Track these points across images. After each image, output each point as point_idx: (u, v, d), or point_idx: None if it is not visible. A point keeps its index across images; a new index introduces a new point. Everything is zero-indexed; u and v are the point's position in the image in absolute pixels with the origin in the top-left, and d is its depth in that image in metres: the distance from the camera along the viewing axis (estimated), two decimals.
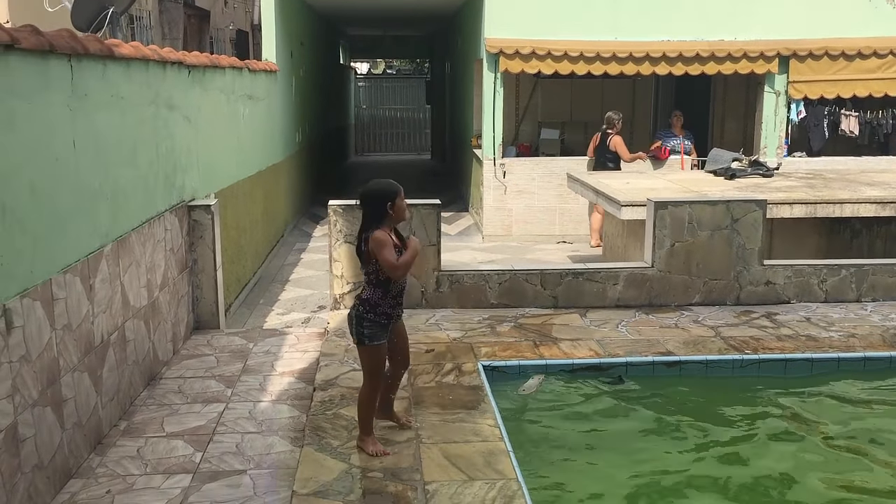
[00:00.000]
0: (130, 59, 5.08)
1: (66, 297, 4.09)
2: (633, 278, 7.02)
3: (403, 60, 33.10)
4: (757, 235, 7.01)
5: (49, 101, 3.96)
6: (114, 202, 4.79)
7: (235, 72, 8.32)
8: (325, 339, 6.19)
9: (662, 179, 9.22)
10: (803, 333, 6.29)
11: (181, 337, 6.19)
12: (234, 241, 8.08)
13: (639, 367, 5.72)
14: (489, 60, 11.17)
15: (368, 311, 4.28)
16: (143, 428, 4.74)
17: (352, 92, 25.52)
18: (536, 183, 11.57)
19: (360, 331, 4.29)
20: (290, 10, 12.70)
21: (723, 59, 11.00)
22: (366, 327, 4.28)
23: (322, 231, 12.21)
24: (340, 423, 4.67)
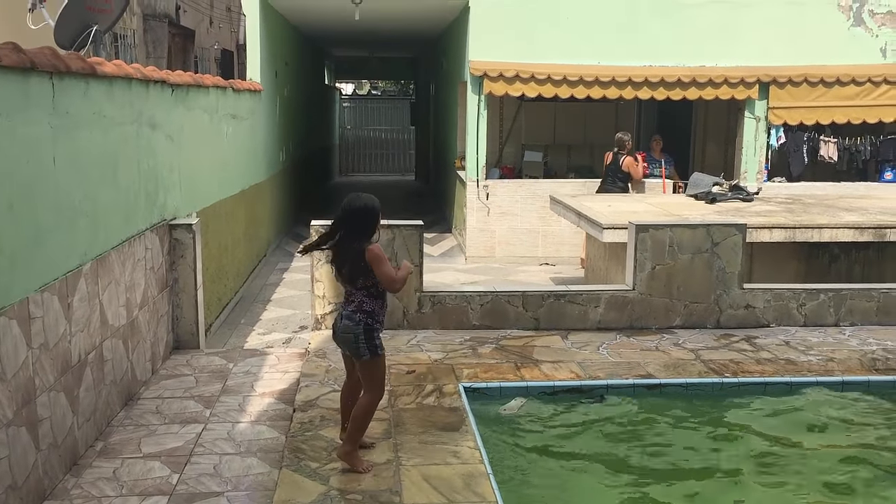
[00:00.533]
0: (113, 77, 5.08)
1: (43, 315, 4.05)
2: (615, 301, 7.05)
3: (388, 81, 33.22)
4: (737, 259, 7.06)
5: (29, 118, 3.95)
6: (94, 220, 4.77)
7: (219, 91, 8.33)
8: (305, 360, 6.16)
9: (644, 203, 9.28)
10: (782, 357, 6.33)
11: (160, 356, 6.14)
12: (216, 260, 8.05)
13: (620, 389, 5.73)
14: (473, 83, 11.24)
15: (375, 322, 4.32)
16: (120, 449, 4.69)
17: (336, 112, 25.58)
18: (519, 205, 11.62)
19: (373, 342, 4.29)
20: (276, 31, 12.74)
21: (704, 84, 11.13)
22: (376, 338, 4.31)
23: None
24: (320, 444, 4.64)
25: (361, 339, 4.28)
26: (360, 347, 4.30)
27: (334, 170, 24.72)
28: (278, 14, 12.87)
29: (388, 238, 6.75)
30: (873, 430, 5.39)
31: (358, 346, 4.30)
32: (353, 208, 4.32)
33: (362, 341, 4.28)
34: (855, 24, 11.47)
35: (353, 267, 4.28)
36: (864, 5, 11.45)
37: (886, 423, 5.48)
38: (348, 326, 4.31)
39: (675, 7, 11.28)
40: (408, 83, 30.90)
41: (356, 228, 4.30)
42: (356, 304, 4.33)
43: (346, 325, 4.32)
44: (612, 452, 5.06)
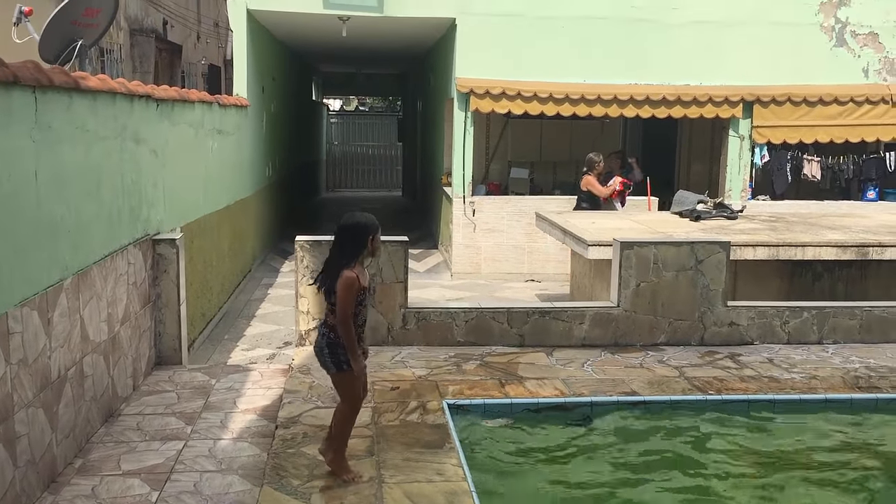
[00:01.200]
0: (97, 91, 5.06)
1: (22, 330, 4.01)
2: (599, 318, 7.05)
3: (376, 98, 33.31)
4: (721, 277, 7.09)
5: (10, 132, 3.92)
6: (75, 235, 4.74)
7: (205, 106, 8.32)
8: (289, 376, 6.13)
9: (628, 220, 9.32)
10: (766, 374, 6.34)
11: (142, 372, 6.10)
12: (200, 275, 8.01)
13: (604, 406, 5.72)
14: (460, 100, 11.28)
15: (338, 337, 4.28)
16: (99, 466, 4.64)
17: (324, 128, 25.60)
18: (506, 221, 11.63)
19: (337, 357, 4.28)
20: (263, 46, 12.76)
21: (688, 103, 11.21)
22: (340, 353, 4.28)
23: (290, 266, 12.15)
24: (302, 461, 4.61)
25: (326, 352, 4.32)
26: (325, 361, 4.34)
27: (321, 185, 24.71)
28: (265, 30, 12.89)
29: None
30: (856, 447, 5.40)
31: (323, 359, 4.34)
32: (343, 226, 4.31)
33: (326, 355, 4.32)
34: (837, 44, 11.59)
35: (330, 285, 4.28)
36: (847, 26, 11.58)
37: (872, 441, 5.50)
38: (317, 340, 4.39)
39: (660, 26, 11.37)
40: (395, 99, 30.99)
41: (343, 246, 4.28)
42: (324, 318, 4.41)
43: (316, 338, 4.41)
44: (597, 471, 5.05)
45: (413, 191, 21.04)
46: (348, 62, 19.69)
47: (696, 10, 11.39)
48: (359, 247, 4.27)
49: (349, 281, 4.19)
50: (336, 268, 4.26)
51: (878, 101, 11.40)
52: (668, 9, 11.36)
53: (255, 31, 11.94)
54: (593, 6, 11.31)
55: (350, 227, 4.30)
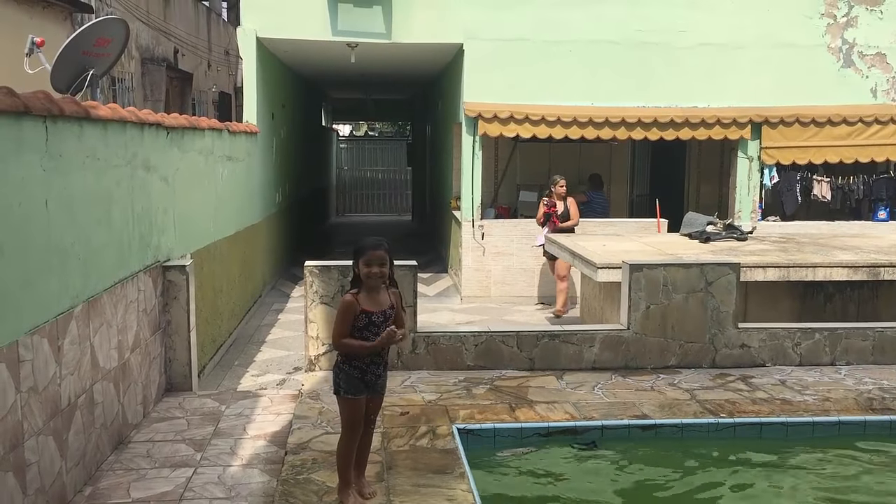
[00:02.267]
0: (108, 120, 5.11)
1: (32, 358, 4.03)
2: (609, 340, 7.02)
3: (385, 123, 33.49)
4: (731, 298, 7.06)
5: (22, 161, 3.97)
6: (86, 263, 4.76)
7: (215, 133, 8.38)
8: (298, 402, 6.12)
9: (638, 242, 9.31)
10: (778, 397, 6.29)
11: (152, 399, 6.10)
12: (210, 301, 8.03)
13: (615, 430, 5.68)
14: (468, 124, 11.33)
15: (344, 364, 4.33)
16: (109, 493, 4.63)
17: (333, 153, 25.74)
18: (515, 245, 11.63)
19: (336, 381, 4.35)
20: (273, 73, 12.87)
21: (697, 125, 11.23)
22: (341, 379, 4.31)
23: (300, 292, 12.16)
24: (311, 487, 4.59)
25: (333, 374, 4.41)
26: (334, 384, 4.40)
27: (331, 210, 24.80)
28: (275, 57, 13.01)
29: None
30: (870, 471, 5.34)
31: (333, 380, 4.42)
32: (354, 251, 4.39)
33: (333, 377, 4.40)
34: (845, 65, 11.60)
35: None
36: (854, 47, 11.60)
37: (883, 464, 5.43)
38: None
39: (667, 49, 11.42)
40: (404, 124, 31.15)
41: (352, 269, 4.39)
42: None
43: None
44: (607, 496, 5.00)
45: (422, 215, 21.08)
46: (357, 88, 19.83)
47: (702, 33, 11.44)
48: (353, 271, 4.34)
49: (343, 304, 4.31)
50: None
51: (888, 121, 11.39)
52: (675, 31, 11.41)
53: (265, 58, 12.05)
54: (600, 30, 11.38)
55: (354, 251, 4.36)
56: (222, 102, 17.58)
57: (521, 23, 11.32)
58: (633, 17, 11.39)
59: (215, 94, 17.10)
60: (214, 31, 17.59)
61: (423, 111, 20.14)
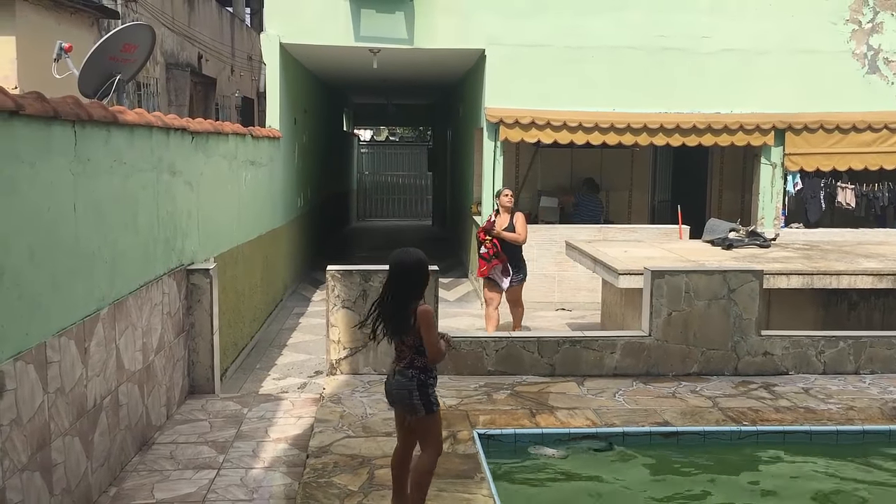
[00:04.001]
0: (134, 125, 5.18)
1: (60, 360, 4.08)
2: (631, 347, 7.00)
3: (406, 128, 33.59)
4: (754, 306, 7.01)
5: (51, 166, 4.03)
6: (112, 266, 4.82)
7: (238, 138, 8.46)
8: (320, 405, 6.15)
9: (659, 248, 9.27)
10: (802, 405, 6.24)
11: (175, 401, 6.15)
12: (233, 305, 8.09)
13: (636, 437, 5.67)
14: (489, 129, 11.35)
15: (428, 378, 4.17)
16: (133, 494, 4.68)
17: (355, 158, 25.85)
18: (535, 250, 11.61)
19: (427, 398, 4.15)
20: (295, 79, 12.96)
21: (719, 131, 11.18)
22: (431, 394, 4.16)
23: (321, 296, 12.22)
24: (332, 491, 4.61)
25: (416, 394, 4.13)
26: (416, 404, 4.14)
27: (352, 215, 24.90)
28: (298, 63, 13.10)
29: None
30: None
31: (413, 402, 4.14)
32: (406, 262, 4.22)
33: (416, 397, 4.13)
34: (870, 71, 11.52)
35: (399, 324, 4.16)
36: (879, 53, 11.51)
37: None
38: (402, 383, 4.17)
39: (690, 55, 11.38)
40: (425, 129, 31.24)
41: (407, 284, 4.18)
42: (408, 361, 4.19)
43: (399, 381, 4.18)
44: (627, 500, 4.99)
45: (443, 220, 21.11)
46: (379, 93, 19.92)
47: (725, 39, 11.40)
48: (420, 284, 4.19)
49: (429, 312, 4.13)
50: (399, 307, 4.15)
51: None
52: (698, 37, 11.38)
53: (288, 63, 12.14)
54: (622, 36, 11.37)
55: (413, 264, 4.21)
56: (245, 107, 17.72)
57: (542, 29, 11.33)
58: (655, 23, 11.37)
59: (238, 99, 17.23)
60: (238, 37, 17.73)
61: (445, 116, 20.18)
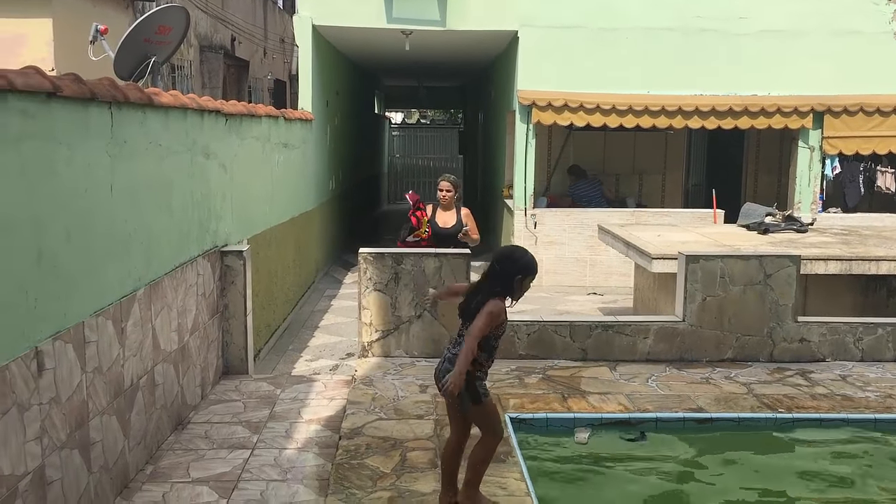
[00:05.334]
0: (169, 107, 5.20)
1: (97, 340, 4.13)
2: (664, 332, 6.94)
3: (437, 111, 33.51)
4: (791, 291, 6.91)
5: (88, 147, 4.06)
6: (148, 247, 4.86)
7: (271, 120, 8.48)
8: (352, 387, 6.18)
9: (693, 233, 9.17)
10: (839, 393, 6.15)
11: (210, 381, 6.22)
12: (266, 286, 8.14)
13: (669, 422, 5.62)
14: (521, 112, 11.27)
15: (477, 371, 4.08)
16: (170, 473, 4.74)
17: (386, 141, 25.85)
18: (567, 234, 11.57)
19: (476, 392, 4.07)
20: (327, 61, 12.96)
21: (756, 113, 11.01)
22: (479, 387, 4.09)
23: (353, 278, 12.27)
24: (365, 472, 4.63)
25: (464, 389, 3.99)
26: (463, 399, 4.04)
27: (383, 198, 24.93)
28: (330, 45, 13.09)
29: (436, 266, 6.77)
30: None
31: (461, 396, 4.02)
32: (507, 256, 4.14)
33: (464, 392, 4.00)
34: None
35: (468, 309, 4.09)
36: None
37: None
38: (449, 371, 4.02)
39: (727, 36, 11.20)
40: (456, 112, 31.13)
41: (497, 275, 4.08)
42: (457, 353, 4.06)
43: (448, 369, 4.05)
44: (659, 488, 4.95)
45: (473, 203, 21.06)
46: (410, 76, 19.87)
47: (763, 20, 11.20)
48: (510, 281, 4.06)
49: (498, 308, 3.99)
50: (482, 295, 4.06)
51: None
52: (735, 18, 11.19)
53: (320, 46, 12.14)
54: (657, 17, 11.21)
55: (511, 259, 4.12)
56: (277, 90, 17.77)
57: (576, 10, 11.21)
58: (691, 4, 11.20)
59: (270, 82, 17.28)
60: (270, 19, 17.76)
61: (476, 99, 20.08)
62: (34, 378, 3.49)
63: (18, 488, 3.37)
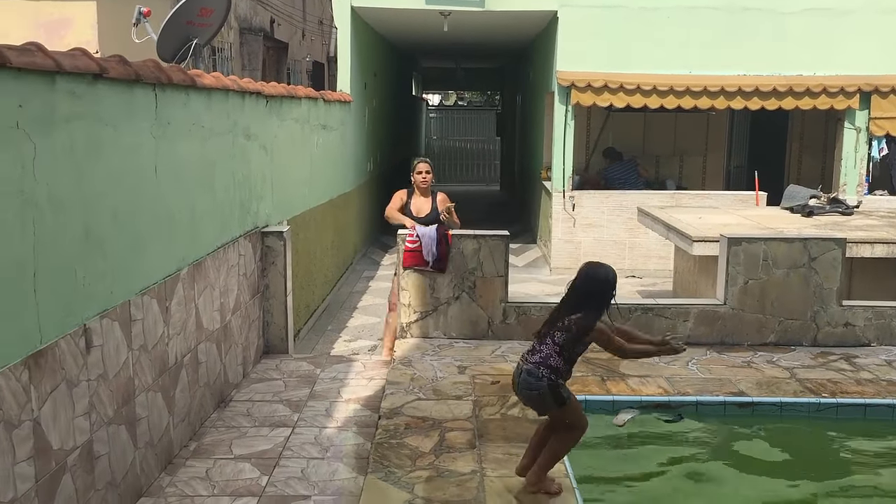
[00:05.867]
0: (212, 89, 5.24)
1: (143, 318, 4.20)
2: (705, 315, 6.87)
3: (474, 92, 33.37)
4: (835, 275, 6.79)
5: (134, 128, 4.11)
6: (191, 227, 4.93)
7: (311, 102, 8.51)
8: (391, 368, 6.22)
9: (735, 215, 9.05)
10: (884, 378, 6.05)
11: (251, 360, 6.30)
12: (305, 267, 8.21)
13: (710, 406, 5.57)
14: (560, 93, 11.18)
15: (559, 378, 4.08)
16: (213, 449, 4.82)
17: (423, 123, 25.83)
18: (606, 216, 11.48)
19: (560, 396, 4.06)
20: (366, 43, 12.96)
21: (801, 94, 10.79)
22: (562, 390, 4.09)
23: (390, 259, 12.32)
24: (404, 451, 4.67)
25: (548, 397, 4.03)
26: (547, 404, 4.07)
27: None
28: (369, 26, 13.08)
29: (474, 248, 6.76)
30: None
31: (543, 402, 4.07)
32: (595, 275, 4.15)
33: (548, 398, 4.04)
34: None
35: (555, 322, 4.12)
36: None
37: None
38: (530, 382, 4.05)
39: (771, 15, 10.98)
40: (494, 94, 30.98)
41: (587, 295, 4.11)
42: (542, 357, 4.08)
43: (528, 380, 4.06)
44: (700, 470, 4.92)
45: (511, 185, 20.99)
46: (448, 57, 19.80)
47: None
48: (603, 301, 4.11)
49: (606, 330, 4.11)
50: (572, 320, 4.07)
51: None
52: None
53: (359, 27, 12.14)
54: None
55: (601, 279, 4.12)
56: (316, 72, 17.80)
57: None
58: None
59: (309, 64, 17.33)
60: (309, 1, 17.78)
61: (514, 80, 19.96)
62: (83, 355, 3.57)
63: (67, 462, 3.45)
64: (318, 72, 17.98)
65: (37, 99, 3.21)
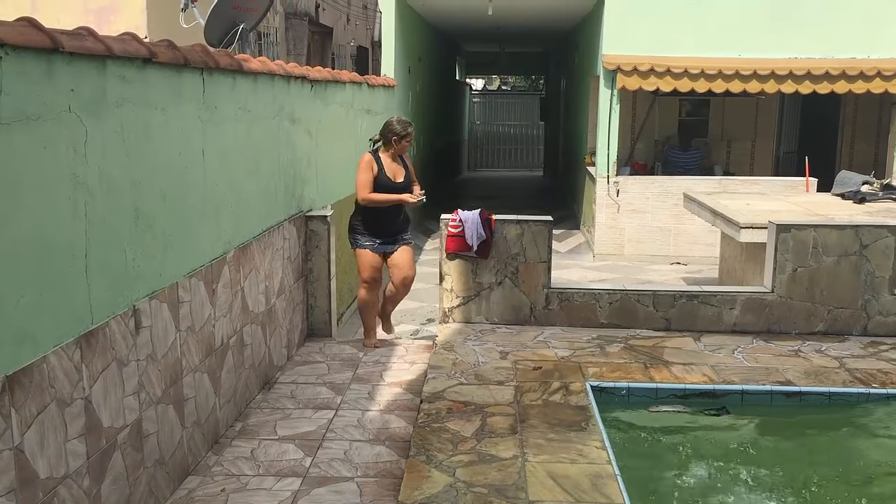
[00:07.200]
0: (258, 73, 5.28)
1: (190, 300, 4.27)
2: (752, 303, 6.77)
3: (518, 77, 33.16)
4: (888, 263, 6.64)
5: (182, 112, 4.16)
6: (237, 211, 4.98)
7: (355, 86, 8.53)
8: (433, 352, 6.24)
9: (784, 201, 8.88)
10: None
11: (295, 343, 6.37)
12: (348, 251, 8.25)
13: (755, 395, 5.50)
14: (606, 77, 11.05)
15: None
16: (257, 430, 4.89)
17: (466, 107, 25.75)
18: (651, 202, 11.35)
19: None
20: (410, 27, 12.94)
21: (854, 77, 10.53)
22: None
23: (434, 244, 12.34)
24: (445, 436, 4.68)
25: None
26: None
27: (463, 165, 24.90)
28: (413, 11, 13.06)
29: (517, 233, 6.74)
30: None
31: None
32: None
33: None
34: None
35: None
36: None
37: None
38: None
39: None
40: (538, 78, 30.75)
41: None
42: None
43: None
44: (744, 460, 4.86)
45: (554, 170, 20.86)
46: (492, 41, 19.69)
47: None
48: None
49: None
50: None
51: None
52: None
53: (403, 12, 12.12)
54: None
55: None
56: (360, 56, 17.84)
57: None
58: None
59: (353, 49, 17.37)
60: None
61: (558, 64, 19.79)
62: (132, 335, 3.64)
63: (117, 440, 3.53)
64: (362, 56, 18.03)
65: (88, 83, 3.26)
